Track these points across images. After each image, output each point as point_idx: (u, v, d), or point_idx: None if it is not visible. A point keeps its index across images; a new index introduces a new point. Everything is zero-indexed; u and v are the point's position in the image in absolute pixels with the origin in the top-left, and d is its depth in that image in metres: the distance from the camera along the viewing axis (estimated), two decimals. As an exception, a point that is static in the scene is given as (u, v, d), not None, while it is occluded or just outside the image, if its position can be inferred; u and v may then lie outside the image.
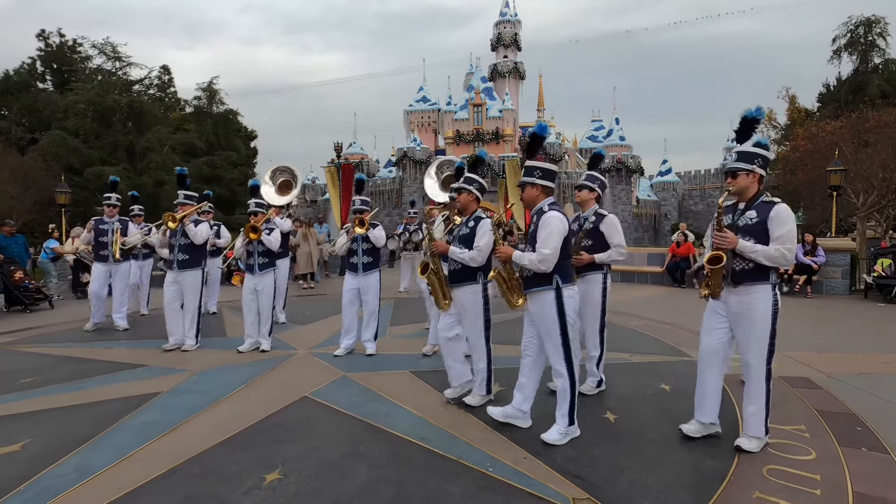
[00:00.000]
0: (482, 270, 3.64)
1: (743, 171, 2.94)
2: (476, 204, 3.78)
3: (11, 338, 6.59)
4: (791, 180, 19.93)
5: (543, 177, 3.18)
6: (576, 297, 3.17)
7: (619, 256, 3.89)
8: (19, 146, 24.54)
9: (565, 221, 3.08)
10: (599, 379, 4.05)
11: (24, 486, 2.65)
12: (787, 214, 2.84)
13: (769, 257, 2.81)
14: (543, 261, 3.02)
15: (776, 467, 2.78)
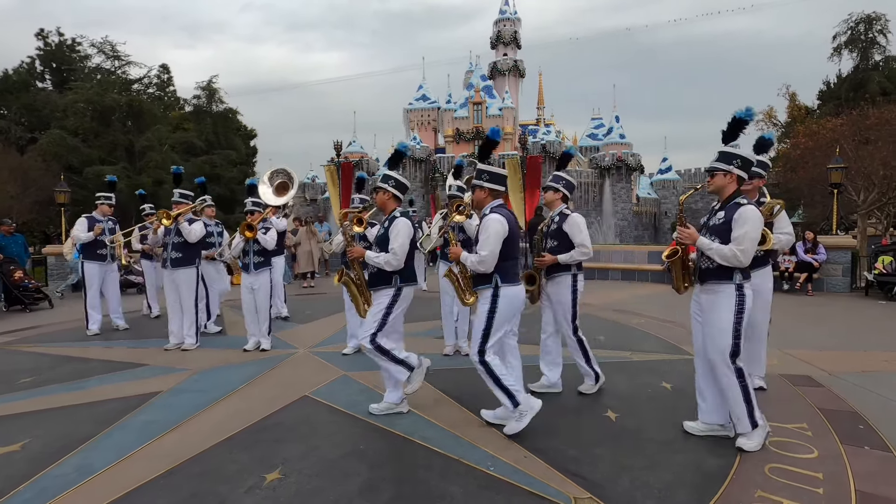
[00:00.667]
0: (399, 274, 3.44)
1: (720, 172, 2.99)
2: (394, 203, 3.57)
3: (11, 337, 6.59)
4: (792, 178, 19.89)
5: (491, 180, 3.28)
6: (516, 297, 3.25)
7: (582, 256, 3.77)
8: (18, 145, 24.49)
9: (505, 224, 3.13)
10: (595, 375, 3.99)
11: (24, 486, 2.64)
12: (749, 216, 2.85)
13: (723, 256, 2.87)
14: (482, 262, 3.13)
15: (778, 466, 2.77)
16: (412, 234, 3.43)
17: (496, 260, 3.13)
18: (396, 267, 3.41)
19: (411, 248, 3.48)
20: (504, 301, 3.19)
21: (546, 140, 38.47)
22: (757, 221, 2.87)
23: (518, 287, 3.29)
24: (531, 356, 5.19)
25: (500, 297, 3.18)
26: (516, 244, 3.26)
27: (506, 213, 3.24)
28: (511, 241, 3.18)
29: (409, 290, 3.57)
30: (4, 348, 5.95)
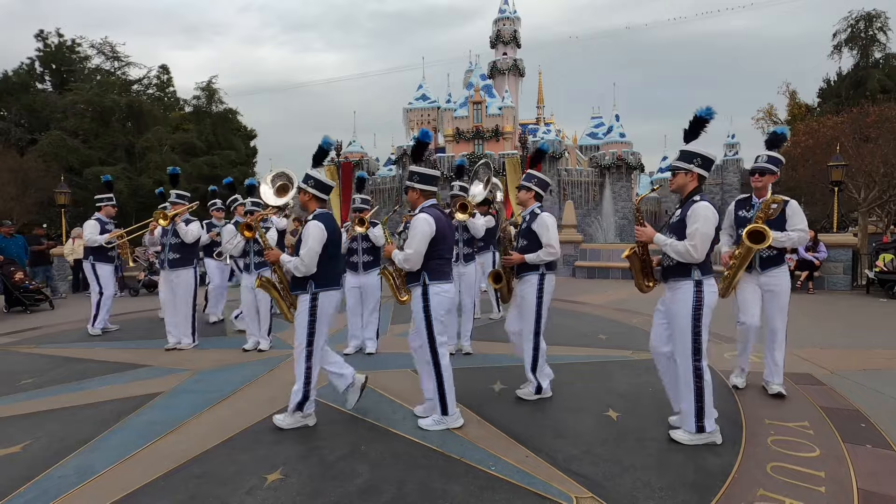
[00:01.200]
0: (313, 279, 3.33)
1: (681, 170, 3.06)
2: (315, 203, 3.45)
3: (12, 339, 6.59)
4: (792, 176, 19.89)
5: (422, 181, 3.36)
6: (446, 294, 3.30)
7: (549, 257, 3.69)
8: (18, 147, 24.51)
9: (432, 224, 3.19)
10: (537, 385, 3.82)
11: (25, 487, 2.64)
12: (701, 213, 2.89)
13: (677, 252, 2.93)
14: (407, 260, 3.22)
15: (780, 465, 2.77)
16: (325, 237, 3.28)
17: (422, 258, 3.21)
18: (305, 272, 3.29)
19: (331, 252, 3.36)
20: (435, 299, 3.26)
21: (546, 139, 38.43)
22: (709, 218, 2.90)
23: (448, 284, 3.34)
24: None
25: (430, 294, 3.25)
26: (446, 244, 3.32)
27: (436, 213, 3.30)
28: (439, 240, 3.25)
29: (329, 296, 3.39)
30: (5, 349, 5.95)
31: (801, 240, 3.76)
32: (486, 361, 4.98)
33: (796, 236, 3.69)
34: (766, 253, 3.73)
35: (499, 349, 5.38)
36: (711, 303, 2.97)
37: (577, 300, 8.89)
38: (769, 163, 3.75)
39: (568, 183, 39.07)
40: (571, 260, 12.90)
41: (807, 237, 3.82)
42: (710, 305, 2.97)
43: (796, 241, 3.73)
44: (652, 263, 3.31)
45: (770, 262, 3.82)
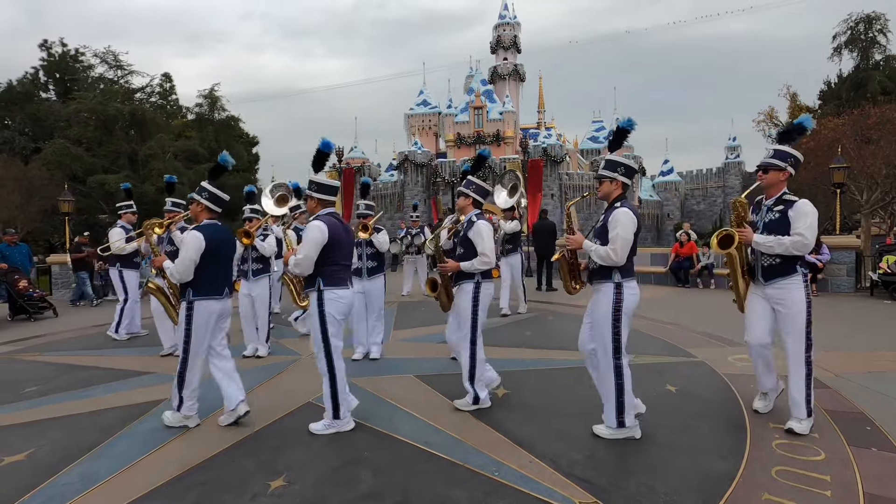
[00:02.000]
0: (191, 288, 3.45)
1: (607, 179, 3.20)
2: (206, 214, 3.59)
3: (16, 346, 6.61)
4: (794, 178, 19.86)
5: (319, 190, 3.44)
6: (342, 300, 3.39)
7: (483, 266, 3.62)
8: (23, 156, 24.68)
9: (324, 231, 3.27)
10: (475, 396, 3.73)
11: (29, 495, 2.64)
12: (621, 219, 3.04)
13: (599, 256, 3.08)
14: (297, 265, 3.30)
15: (785, 468, 2.75)
16: (202, 247, 3.38)
17: (312, 264, 3.29)
18: (179, 280, 3.45)
19: (212, 261, 3.46)
20: (330, 303, 3.35)
21: (547, 143, 38.53)
22: (628, 224, 3.04)
23: (343, 290, 3.41)
24: (540, 360, 5.19)
25: (324, 300, 3.33)
26: (341, 250, 3.40)
27: (330, 220, 3.37)
28: (333, 247, 3.32)
29: (208, 305, 3.48)
30: (10, 357, 5.97)
31: (797, 246, 3.10)
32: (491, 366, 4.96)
33: (789, 242, 3.09)
34: (766, 261, 3.25)
35: (501, 353, 5.38)
36: (631, 304, 3.11)
37: (579, 304, 8.87)
38: (775, 157, 3.27)
39: (569, 187, 39.12)
40: (573, 264, 12.89)
41: (805, 243, 3.10)
42: (630, 307, 3.11)
43: (790, 247, 3.10)
44: (579, 267, 3.48)
45: (773, 271, 3.25)
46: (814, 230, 3.14)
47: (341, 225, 3.44)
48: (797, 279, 3.20)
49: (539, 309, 8.46)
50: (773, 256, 3.22)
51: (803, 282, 3.21)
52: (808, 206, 3.20)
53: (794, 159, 3.27)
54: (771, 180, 3.30)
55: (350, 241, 3.57)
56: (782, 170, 3.26)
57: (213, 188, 3.60)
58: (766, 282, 3.29)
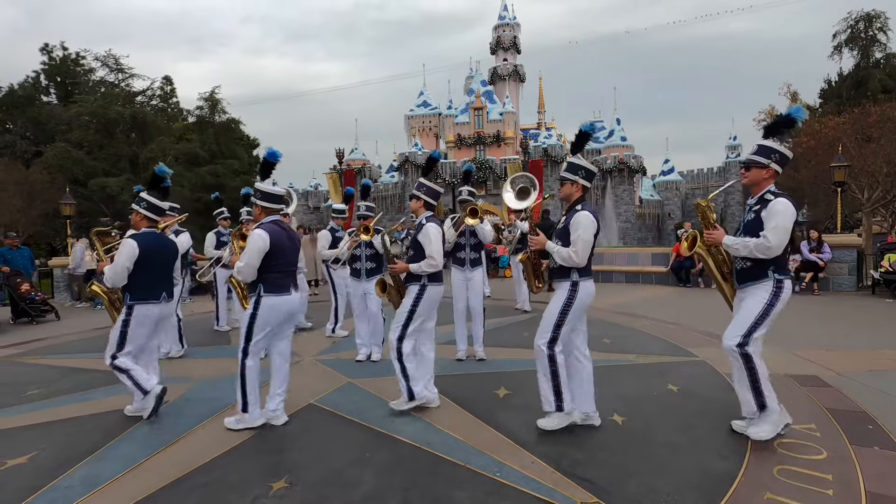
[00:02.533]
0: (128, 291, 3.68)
1: (568, 181, 3.29)
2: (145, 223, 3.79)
3: (19, 350, 6.62)
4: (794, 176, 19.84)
5: (263, 198, 3.53)
6: (280, 307, 3.48)
7: (430, 268, 3.64)
8: (24, 159, 24.73)
9: (266, 239, 3.37)
10: (408, 392, 3.70)
11: (32, 498, 2.65)
12: (582, 221, 3.15)
13: (561, 257, 3.19)
14: (239, 271, 3.44)
15: (787, 467, 2.75)
16: (135, 254, 3.60)
17: (254, 271, 3.39)
18: (112, 285, 3.67)
19: (147, 267, 3.67)
20: (265, 309, 3.44)
21: (548, 144, 38.54)
22: (589, 226, 3.14)
23: (283, 297, 3.48)
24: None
25: (261, 304, 3.44)
26: (284, 257, 3.49)
27: (273, 228, 3.47)
28: (275, 254, 3.41)
29: (146, 309, 3.71)
30: (12, 360, 5.98)
31: (759, 249, 2.90)
32: (492, 367, 4.97)
33: (753, 244, 2.92)
34: (739, 264, 3.10)
35: (505, 354, 5.39)
36: (584, 302, 3.24)
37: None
38: (758, 153, 3.06)
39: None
40: (574, 264, 12.90)
41: (768, 246, 2.88)
42: (582, 305, 3.24)
43: (753, 249, 2.92)
44: (542, 266, 3.57)
45: (745, 275, 3.08)
46: (779, 232, 2.88)
47: (285, 232, 3.55)
48: (767, 285, 2.99)
49: (540, 309, 8.44)
50: (744, 259, 3.05)
51: (774, 287, 2.98)
52: (780, 204, 2.93)
53: (778, 155, 3.02)
54: (753, 178, 3.08)
55: (294, 247, 3.66)
56: (765, 167, 3.02)
57: (151, 198, 3.81)
58: (739, 286, 3.15)
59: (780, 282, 2.99)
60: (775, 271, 2.99)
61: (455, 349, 5.32)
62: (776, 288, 2.99)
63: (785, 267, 3.04)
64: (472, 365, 5.07)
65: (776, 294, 2.99)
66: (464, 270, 5.29)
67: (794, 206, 2.94)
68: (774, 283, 2.99)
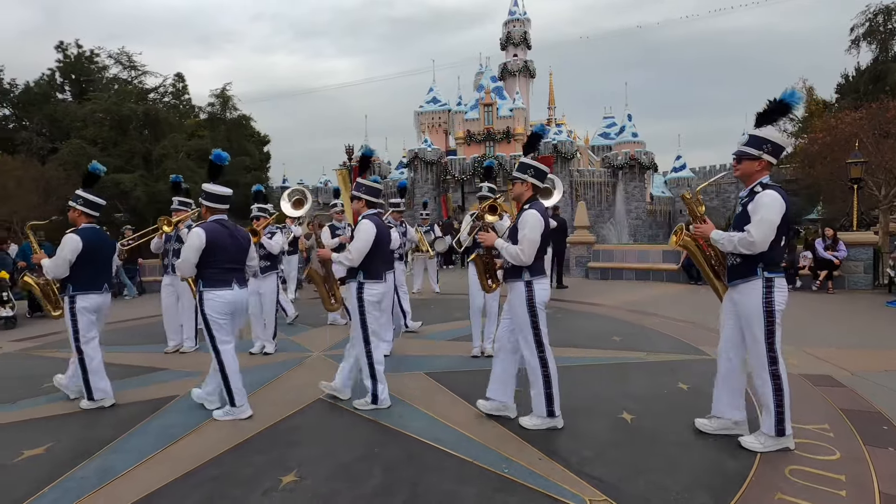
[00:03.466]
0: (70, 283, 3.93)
1: (518, 180, 3.33)
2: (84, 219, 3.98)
3: (35, 343, 6.75)
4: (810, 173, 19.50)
5: (208, 199, 3.71)
6: (220, 299, 3.62)
7: (345, 261, 3.69)
8: (40, 156, 25.12)
9: (202, 237, 3.53)
10: (373, 394, 3.73)
11: (48, 488, 2.70)
12: (528, 220, 3.18)
13: (509, 254, 3.22)
14: (178, 267, 3.65)
15: (799, 468, 2.72)
16: (79, 248, 3.82)
17: (192, 267, 3.57)
18: (53, 276, 3.92)
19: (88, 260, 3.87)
20: (208, 303, 3.59)
21: (557, 140, 38.30)
22: (536, 225, 3.17)
23: (222, 291, 3.62)
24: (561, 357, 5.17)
25: (204, 299, 3.60)
26: (224, 254, 3.63)
27: (212, 227, 3.62)
28: (213, 251, 3.56)
29: (88, 298, 3.92)
30: (28, 353, 6.10)
31: (743, 244, 2.78)
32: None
33: (737, 239, 2.80)
34: (730, 260, 2.98)
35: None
36: (542, 300, 3.29)
37: (590, 301, 8.83)
38: (749, 144, 2.89)
39: (580, 184, 38.82)
40: (584, 261, 12.81)
41: (750, 241, 2.75)
42: (542, 302, 3.28)
43: (737, 244, 2.80)
44: (494, 266, 3.61)
45: (734, 272, 2.95)
46: (763, 226, 2.72)
47: (227, 231, 3.70)
48: (756, 283, 2.83)
49: (549, 306, 8.41)
50: (734, 256, 2.91)
51: (763, 287, 2.81)
52: (766, 197, 2.77)
53: (771, 145, 2.83)
54: (745, 170, 2.92)
55: (238, 244, 3.76)
56: (757, 158, 2.86)
57: (89, 195, 4.00)
58: (729, 283, 3.02)
59: (770, 280, 2.82)
60: (765, 269, 2.82)
61: (471, 346, 5.32)
62: (766, 287, 2.82)
63: (776, 264, 2.87)
64: (483, 362, 5.07)
65: (768, 293, 2.82)
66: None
67: (783, 199, 2.77)
68: (764, 281, 2.82)
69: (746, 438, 3.00)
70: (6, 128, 28.64)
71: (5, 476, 2.88)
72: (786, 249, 2.94)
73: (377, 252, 3.70)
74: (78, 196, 4.01)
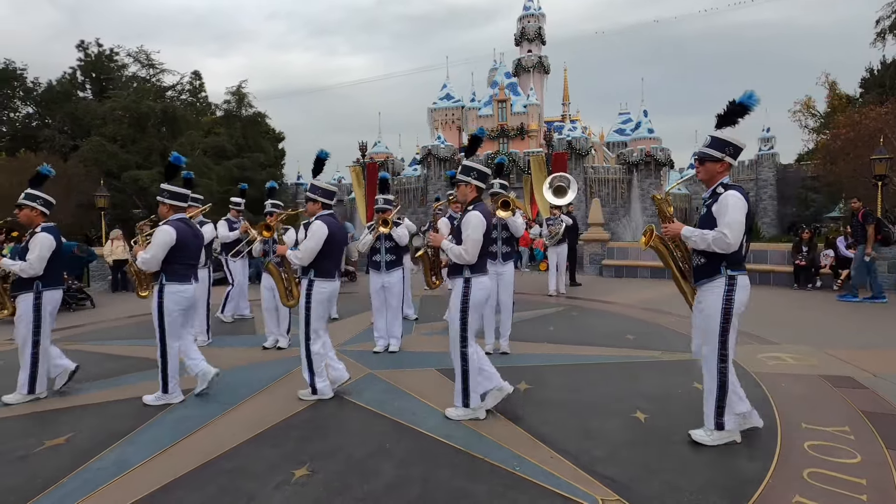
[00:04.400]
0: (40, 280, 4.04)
1: (462, 183, 3.45)
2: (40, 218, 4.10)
3: (57, 336, 6.86)
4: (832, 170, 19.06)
5: (171, 197, 3.94)
6: (182, 294, 3.84)
7: (295, 259, 3.85)
8: (62, 153, 25.68)
9: (172, 235, 3.75)
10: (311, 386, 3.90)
11: (68, 477, 2.77)
12: (472, 221, 3.32)
13: (454, 254, 3.35)
14: (144, 263, 3.81)
15: (818, 470, 2.66)
16: (53, 246, 4.02)
17: (159, 262, 3.77)
18: (32, 274, 3.97)
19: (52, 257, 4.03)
20: (169, 297, 3.80)
21: (572, 136, 37.96)
22: (478, 226, 3.31)
23: (184, 285, 3.85)
24: (563, 355, 5.14)
25: (164, 293, 3.80)
26: (186, 251, 3.84)
27: (180, 225, 3.83)
28: (179, 248, 3.77)
29: (53, 294, 4.13)
30: (50, 346, 6.23)
31: (718, 243, 2.80)
32: (514, 361, 4.95)
33: (711, 237, 2.81)
34: (696, 260, 3.01)
35: (527, 349, 5.36)
36: (478, 298, 3.41)
37: (604, 299, 8.75)
38: (712, 146, 2.92)
39: (595, 181, 38.45)
40: (598, 259, 12.69)
41: (727, 242, 2.77)
42: (477, 300, 3.41)
43: (711, 243, 2.81)
44: (440, 264, 3.72)
45: (700, 272, 3.00)
46: (735, 226, 2.77)
47: (191, 230, 3.96)
48: (720, 281, 2.89)
49: (563, 304, 8.37)
50: (699, 255, 2.97)
51: (726, 284, 2.88)
52: (732, 198, 2.83)
53: (732, 148, 2.91)
54: (708, 172, 2.97)
55: (198, 243, 4.05)
56: (719, 160, 2.92)
57: (44, 194, 4.15)
58: (695, 283, 3.06)
59: (733, 278, 2.88)
60: (728, 267, 2.88)
61: (483, 342, 5.31)
62: (728, 286, 2.88)
63: (739, 263, 2.91)
64: (495, 359, 5.03)
65: (730, 291, 2.88)
66: (495, 264, 5.25)
67: (745, 199, 2.85)
68: (727, 279, 2.88)
69: (697, 432, 3.04)
70: (30, 126, 29.33)
71: (28, 465, 2.95)
72: (747, 248, 3.00)
73: (330, 252, 3.84)
74: (37, 196, 4.12)
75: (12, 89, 29.07)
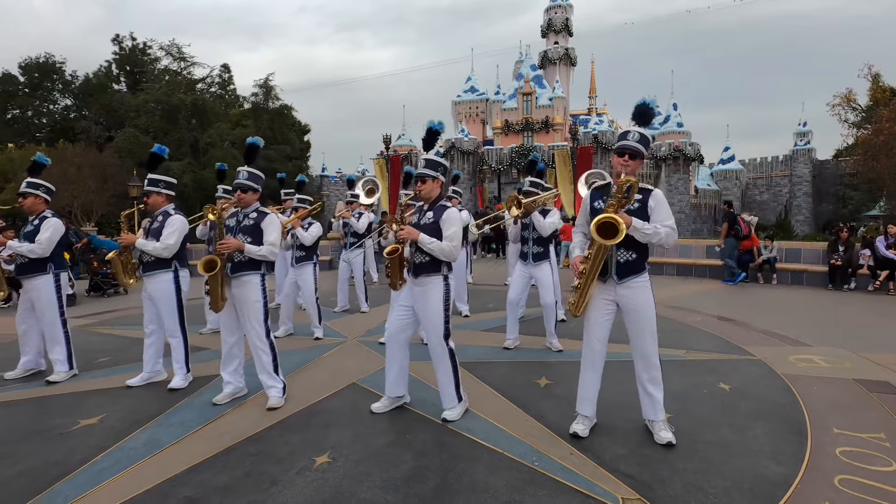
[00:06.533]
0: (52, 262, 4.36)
1: (429, 178, 3.36)
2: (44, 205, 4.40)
3: (91, 320, 7.19)
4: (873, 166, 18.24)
5: (167, 187, 4.22)
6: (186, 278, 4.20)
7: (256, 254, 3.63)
8: (97, 144, 26.59)
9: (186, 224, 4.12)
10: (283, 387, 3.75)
11: (101, 456, 2.88)
12: (455, 217, 3.29)
13: (441, 250, 3.26)
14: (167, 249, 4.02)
15: (850, 477, 2.57)
16: (63, 230, 4.32)
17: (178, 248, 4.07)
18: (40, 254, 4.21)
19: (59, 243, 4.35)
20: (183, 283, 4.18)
21: (598, 130, 37.32)
22: (459, 221, 3.31)
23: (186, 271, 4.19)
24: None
25: (181, 277, 4.18)
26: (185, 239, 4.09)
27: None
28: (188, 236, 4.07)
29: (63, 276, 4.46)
30: (85, 329, 6.50)
31: (669, 240, 2.89)
32: (533, 356, 4.92)
33: (664, 232, 2.85)
34: (623, 256, 2.95)
35: (544, 343, 5.31)
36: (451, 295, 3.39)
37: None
38: (641, 142, 2.92)
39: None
40: (623, 255, 12.49)
41: (675, 238, 2.91)
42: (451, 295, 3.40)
43: (664, 238, 2.87)
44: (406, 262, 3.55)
45: (629, 268, 2.96)
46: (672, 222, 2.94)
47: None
48: (645, 277, 3.01)
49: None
50: (629, 251, 2.93)
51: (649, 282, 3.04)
52: (661, 194, 3.01)
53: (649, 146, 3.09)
54: (634, 168, 2.93)
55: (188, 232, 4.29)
56: (642, 159, 2.96)
57: (45, 182, 4.42)
58: (620, 280, 2.96)
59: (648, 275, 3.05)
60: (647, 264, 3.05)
61: (503, 337, 5.30)
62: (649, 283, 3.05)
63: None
64: (514, 353, 5.04)
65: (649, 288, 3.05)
66: (527, 265, 5.15)
67: None
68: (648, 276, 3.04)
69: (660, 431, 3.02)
70: (67, 117, 30.41)
71: (64, 442, 3.09)
72: None
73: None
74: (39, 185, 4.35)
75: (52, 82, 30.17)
